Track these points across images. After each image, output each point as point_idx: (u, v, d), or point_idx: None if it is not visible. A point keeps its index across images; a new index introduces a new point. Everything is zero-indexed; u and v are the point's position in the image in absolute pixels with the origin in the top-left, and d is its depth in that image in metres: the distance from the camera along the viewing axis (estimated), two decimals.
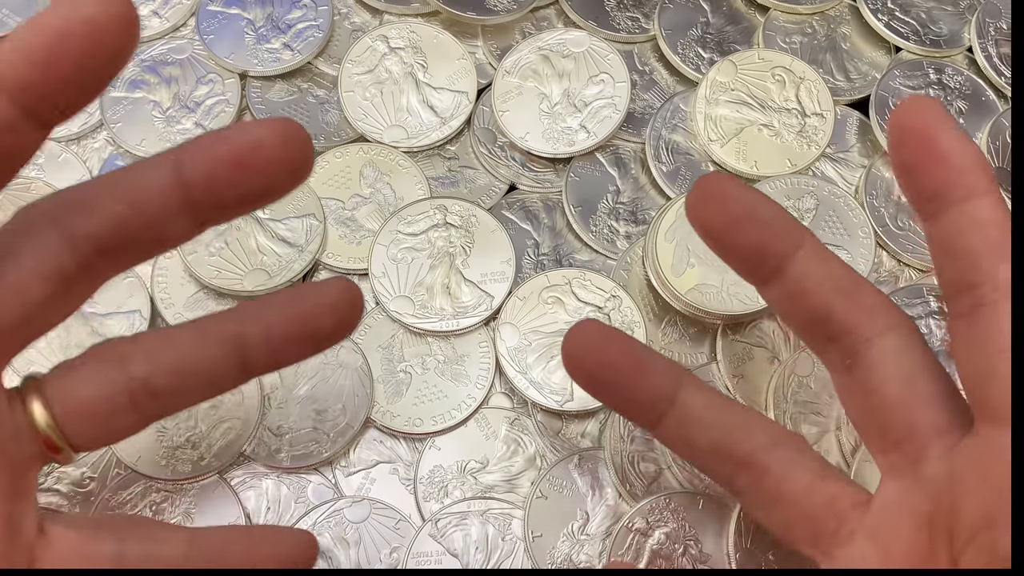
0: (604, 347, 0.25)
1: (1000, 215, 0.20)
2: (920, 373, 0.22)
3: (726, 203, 0.23)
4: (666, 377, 0.24)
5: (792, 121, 0.37)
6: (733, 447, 0.24)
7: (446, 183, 0.37)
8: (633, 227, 0.37)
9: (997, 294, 0.20)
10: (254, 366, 0.24)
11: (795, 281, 0.23)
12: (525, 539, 0.31)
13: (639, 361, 0.24)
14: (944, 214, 0.21)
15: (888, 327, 0.22)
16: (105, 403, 0.22)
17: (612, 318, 0.34)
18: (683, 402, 0.24)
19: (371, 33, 0.38)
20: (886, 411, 0.22)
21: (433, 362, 0.34)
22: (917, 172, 0.21)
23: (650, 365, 0.24)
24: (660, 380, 0.24)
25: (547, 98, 0.37)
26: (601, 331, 0.25)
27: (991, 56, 0.39)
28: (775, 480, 0.23)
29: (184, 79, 0.38)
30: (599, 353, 0.24)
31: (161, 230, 0.21)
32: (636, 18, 0.40)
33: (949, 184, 0.20)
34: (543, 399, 0.33)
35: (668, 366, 0.25)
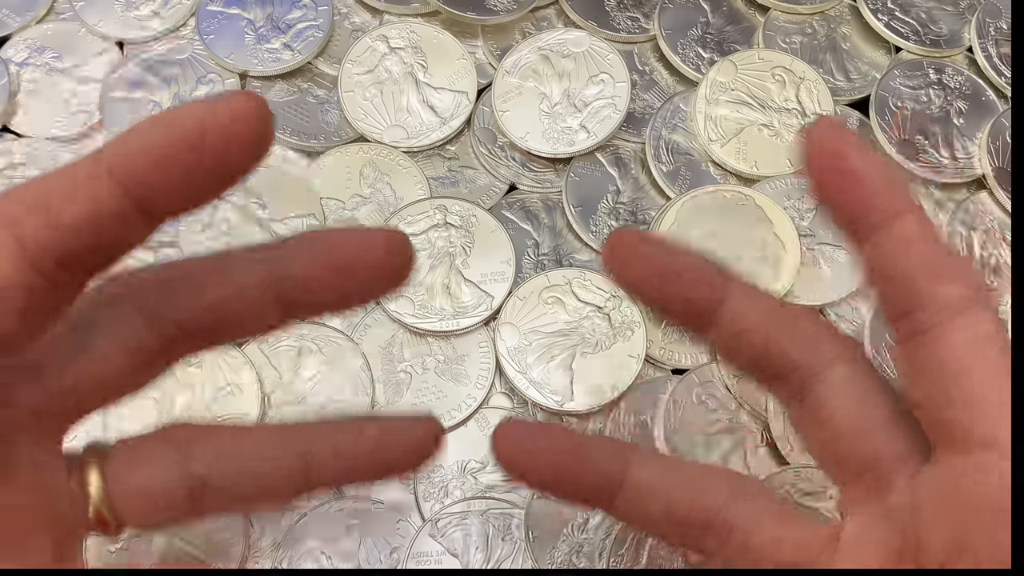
0: (534, 446, 0.23)
1: (927, 230, 0.20)
2: (872, 400, 0.21)
3: (638, 261, 0.22)
4: (610, 459, 0.23)
5: (792, 121, 0.37)
6: (692, 510, 0.23)
7: (446, 183, 0.37)
8: (633, 227, 0.37)
9: (939, 317, 0.19)
10: (319, 484, 0.23)
11: (730, 324, 0.22)
12: (525, 539, 0.31)
13: (576, 451, 0.23)
14: (871, 239, 0.20)
15: (834, 357, 0.22)
16: (163, 493, 0.21)
17: (612, 318, 0.34)
18: (632, 478, 0.23)
19: (371, 33, 0.38)
20: (842, 443, 0.21)
21: (433, 362, 0.34)
22: (833, 197, 0.20)
23: (589, 452, 0.23)
24: (604, 464, 0.23)
25: (547, 98, 0.37)
26: (528, 431, 0.23)
27: (991, 56, 0.39)
28: (742, 535, 0.23)
29: (184, 79, 0.38)
30: (531, 454, 0.23)
31: (250, 322, 0.21)
32: (636, 18, 0.40)
33: (868, 207, 0.20)
34: (543, 399, 0.33)
35: (610, 447, 0.24)
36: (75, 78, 0.38)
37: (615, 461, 0.23)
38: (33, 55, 0.38)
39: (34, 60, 0.38)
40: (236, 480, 0.22)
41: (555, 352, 0.33)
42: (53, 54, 0.39)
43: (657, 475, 0.23)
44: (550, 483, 0.23)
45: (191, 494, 0.21)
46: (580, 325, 0.34)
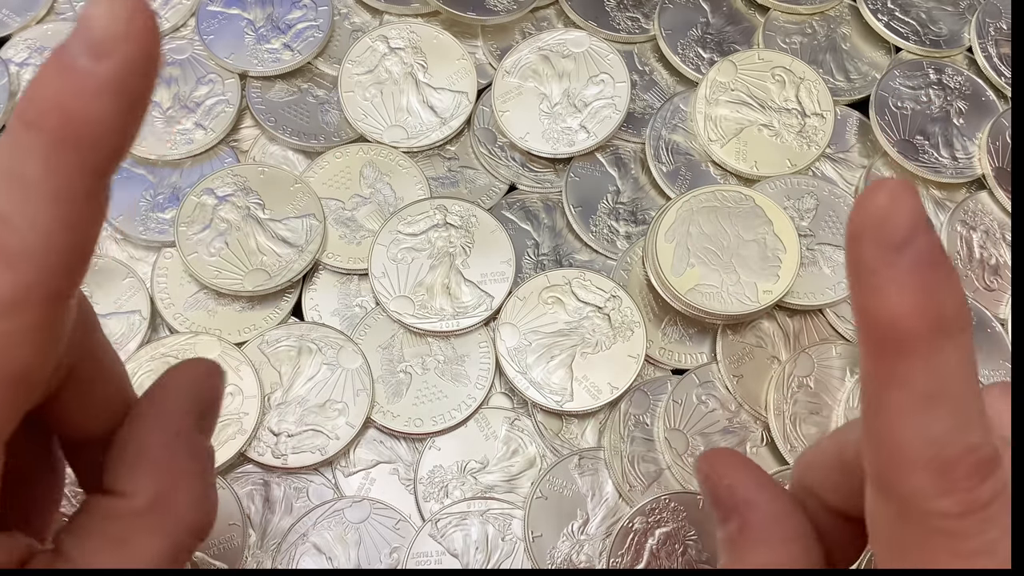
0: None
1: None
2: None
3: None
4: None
5: (792, 121, 0.37)
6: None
7: (446, 183, 0.37)
8: (633, 227, 0.36)
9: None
10: None
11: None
12: (525, 539, 0.31)
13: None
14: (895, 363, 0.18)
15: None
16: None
17: (612, 318, 0.34)
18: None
19: (371, 33, 0.38)
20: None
21: (433, 362, 0.34)
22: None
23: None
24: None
25: (547, 98, 0.37)
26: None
27: (991, 56, 0.39)
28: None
29: (184, 79, 0.38)
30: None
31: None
32: (636, 18, 0.40)
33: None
34: (543, 399, 0.33)
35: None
36: None
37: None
38: (33, 55, 0.38)
39: (34, 60, 0.38)
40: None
41: (555, 352, 0.33)
42: None
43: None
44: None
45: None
46: (580, 325, 0.34)
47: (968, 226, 0.37)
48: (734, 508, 0.21)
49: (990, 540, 0.16)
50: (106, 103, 0.15)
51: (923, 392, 0.16)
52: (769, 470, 0.32)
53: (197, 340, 0.33)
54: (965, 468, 0.16)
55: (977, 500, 0.16)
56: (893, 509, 0.17)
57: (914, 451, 0.16)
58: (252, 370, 0.33)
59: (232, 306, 0.34)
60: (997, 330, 0.35)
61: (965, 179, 0.37)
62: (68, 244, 0.16)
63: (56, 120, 0.15)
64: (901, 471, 0.16)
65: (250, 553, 0.31)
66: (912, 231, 0.15)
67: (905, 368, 0.16)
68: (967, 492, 0.16)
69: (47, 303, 0.16)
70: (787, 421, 0.33)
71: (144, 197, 0.36)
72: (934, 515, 0.16)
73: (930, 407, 0.16)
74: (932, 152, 0.38)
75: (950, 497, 0.16)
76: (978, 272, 0.36)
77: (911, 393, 0.16)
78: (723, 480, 0.22)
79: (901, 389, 0.16)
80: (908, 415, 0.16)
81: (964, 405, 0.16)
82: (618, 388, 0.33)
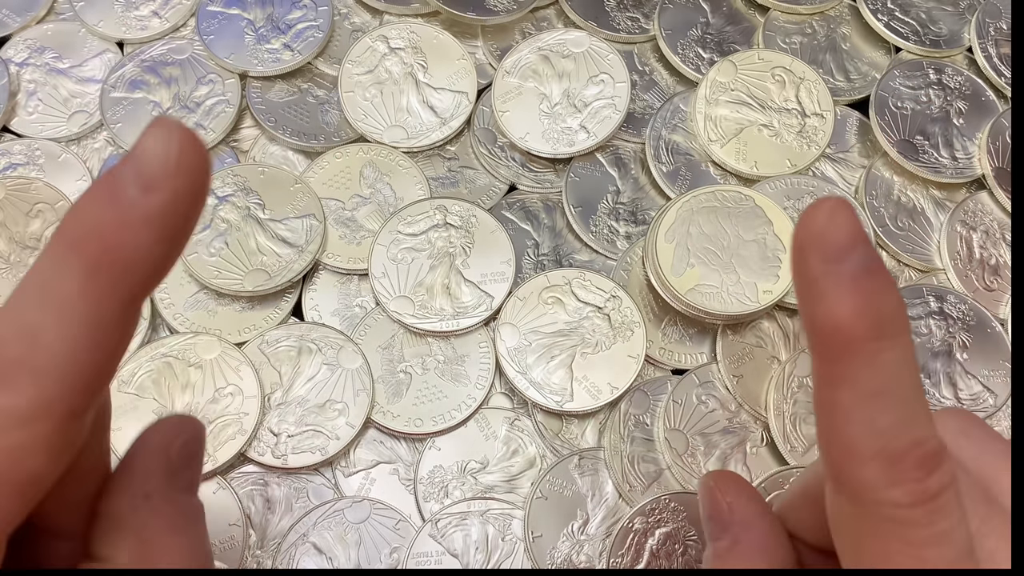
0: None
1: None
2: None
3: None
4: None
5: (792, 121, 0.37)
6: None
7: (446, 183, 0.37)
8: (633, 227, 0.36)
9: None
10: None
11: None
12: (525, 539, 0.31)
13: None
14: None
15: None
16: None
17: (612, 318, 0.34)
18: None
19: (371, 33, 0.38)
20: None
21: (433, 362, 0.34)
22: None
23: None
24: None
25: (547, 98, 0.37)
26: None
27: (991, 56, 0.39)
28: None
29: (184, 79, 0.38)
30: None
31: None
32: (636, 18, 0.40)
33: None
34: (543, 399, 0.33)
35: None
36: (75, 78, 0.38)
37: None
38: (33, 55, 0.38)
39: (34, 60, 0.38)
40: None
41: (555, 352, 0.33)
42: (53, 54, 0.39)
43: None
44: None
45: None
46: (580, 325, 0.34)
47: (968, 226, 0.37)
48: (729, 526, 0.22)
49: (941, 530, 0.17)
50: (148, 235, 0.16)
51: (868, 389, 0.17)
52: (769, 470, 0.32)
53: (197, 340, 0.33)
54: (912, 460, 0.17)
55: (926, 491, 0.17)
56: (849, 503, 0.18)
57: (863, 444, 0.17)
58: (252, 370, 0.33)
59: (232, 306, 0.34)
60: (997, 330, 0.35)
61: (965, 179, 0.37)
62: (92, 364, 0.16)
63: (97, 247, 0.16)
64: (853, 464, 0.17)
65: (250, 553, 0.31)
66: (851, 244, 0.16)
67: (850, 368, 0.17)
68: (915, 483, 0.17)
69: (65, 419, 0.16)
70: (787, 421, 0.33)
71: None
72: (885, 505, 0.17)
73: (875, 403, 0.17)
74: (932, 152, 0.38)
75: (899, 487, 0.17)
76: (978, 272, 0.36)
77: (857, 391, 0.17)
78: (726, 497, 0.23)
79: (848, 388, 0.17)
80: (855, 411, 0.17)
81: (907, 401, 0.17)
82: (618, 388, 0.33)
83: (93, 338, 0.16)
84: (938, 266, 0.36)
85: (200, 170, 0.16)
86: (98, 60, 0.38)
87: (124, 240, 0.16)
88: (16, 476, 0.16)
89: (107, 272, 0.16)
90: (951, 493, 0.17)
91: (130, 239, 0.16)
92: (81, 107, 0.38)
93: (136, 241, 0.16)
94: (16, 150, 0.37)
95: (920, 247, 0.36)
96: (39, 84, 0.38)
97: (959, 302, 0.35)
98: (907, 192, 0.37)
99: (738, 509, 0.23)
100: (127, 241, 0.16)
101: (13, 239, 0.34)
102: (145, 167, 0.16)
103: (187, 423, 0.22)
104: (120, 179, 0.16)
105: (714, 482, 0.23)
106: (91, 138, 0.37)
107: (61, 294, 0.16)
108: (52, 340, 0.16)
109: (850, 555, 0.19)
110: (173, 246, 0.16)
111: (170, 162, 0.16)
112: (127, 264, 0.16)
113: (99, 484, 0.20)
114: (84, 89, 0.38)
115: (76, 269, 0.16)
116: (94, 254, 0.16)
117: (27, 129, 0.37)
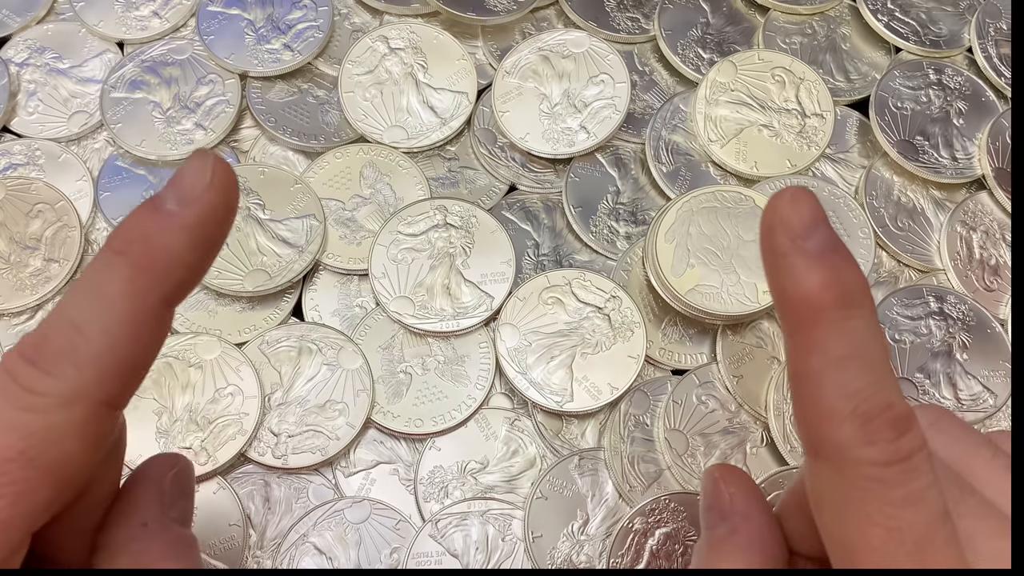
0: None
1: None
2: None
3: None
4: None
5: (792, 122, 0.37)
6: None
7: (446, 184, 0.37)
8: (633, 227, 0.37)
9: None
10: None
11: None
12: (525, 539, 0.31)
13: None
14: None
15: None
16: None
17: (612, 319, 0.34)
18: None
19: (371, 34, 0.38)
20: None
21: (433, 362, 0.34)
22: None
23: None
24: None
25: (547, 99, 0.37)
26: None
27: (991, 56, 0.39)
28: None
29: (184, 80, 0.38)
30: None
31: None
32: (636, 18, 0.40)
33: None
34: (543, 399, 0.33)
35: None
36: (75, 78, 0.38)
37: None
38: (33, 55, 0.38)
39: (34, 60, 0.38)
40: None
41: (555, 352, 0.33)
42: (53, 54, 0.39)
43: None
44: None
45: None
46: (580, 325, 0.34)
47: (968, 226, 0.37)
48: (729, 515, 0.23)
49: (916, 489, 0.18)
50: (184, 240, 0.19)
51: (838, 354, 0.18)
52: (769, 470, 0.32)
53: (197, 340, 0.33)
54: (884, 420, 0.18)
55: (898, 451, 0.18)
56: (827, 470, 0.19)
57: (837, 407, 0.18)
58: (252, 370, 0.33)
59: (232, 306, 0.34)
60: (997, 330, 0.35)
61: (965, 179, 0.37)
62: (129, 357, 0.18)
63: (140, 248, 0.18)
64: (829, 427, 0.18)
65: (250, 553, 0.31)
66: (814, 223, 0.18)
67: (820, 335, 0.18)
68: (888, 442, 0.18)
69: (100, 406, 0.18)
70: (787, 421, 0.33)
71: (144, 197, 0.36)
72: (862, 464, 0.18)
73: (846, 366, 0.18)
74: (932, 152, 0.38)
75: (873, 446, 0.18)
76: (978, 272, 0.36)
77: (828, 356, 0.18)
78: (728, 488, 0.23)
79: (819, 354, 0.18)
80: (828, 375, 0.18)
81: (876, 366, 0.18)
82: (618, 388, 0.33)
83: (131, 334, 0.18)
84: (938, 266, 0.36)
85: (230, 188, 0.19)
86: (98, 60, 0.39)
87: (163, 243, 0.18)
88: (49, 458, 0.18)
89: (147, 273, 0.18)
90: (922, 456, 0.18)
91: (168, 244, 0.18)
92: (81, 107, 0.38)
93: (173, 246, 0.18)
94: (16, 150, 0.37)
95: (920, 247, 0.36)
96: (39, 84, 0.38)
97: (959, 302, 0.35)
98: (907, 192, 0.37)
99: (739, 500, 0.23)
100: (166, 244, 0.18)
101: (13, 239, 0.34)
102: (182, 185, 0.19)
103: (177, 458, 0.24)
104: (162, 197, 0.19)
105: (719, 473, 0.24)
106: (91, 138, 0.37)
107: (105, 293, 0.18)
108: (94, 333, 0.18)
109: (832, 526, 0.19)
110: (206, 254, 0.19)
111: (204, 180, 0.19)
112: (165, 267, 0.18)
113: (103, 517, 0.21)
114: (84, 89, 0.38)
115: (120, 271, 0.18)
116: (137, 255, 0.18)
117: (27, 129, 0.37)
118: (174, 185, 0.19)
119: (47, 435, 0.18)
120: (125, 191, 0.36)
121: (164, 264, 0.18)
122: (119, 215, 0.36)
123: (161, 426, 0.32)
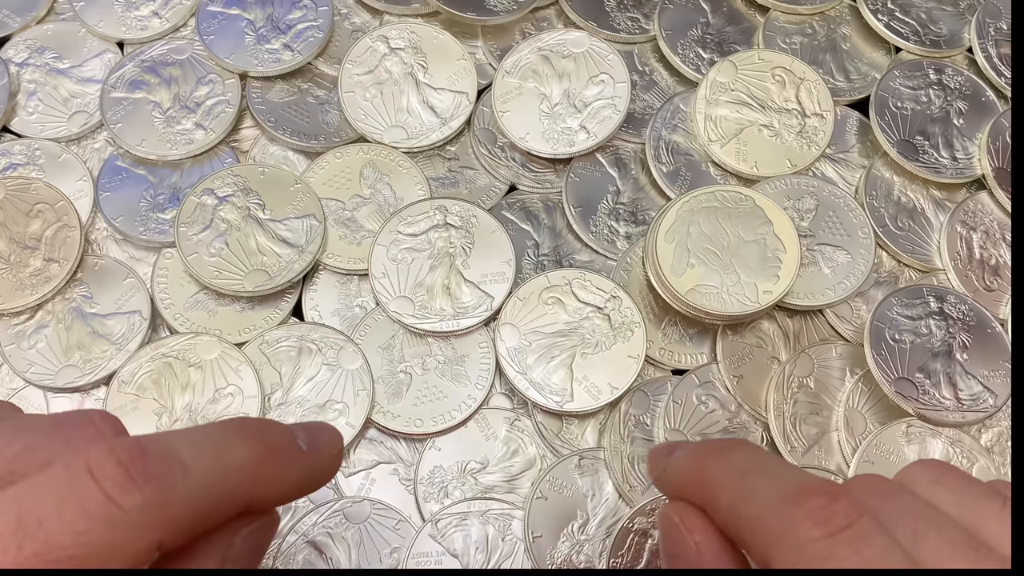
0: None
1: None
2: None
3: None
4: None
5: (792, 121, 0.37)
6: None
7: (446, 184, 0.37)
8: (633, 227, 0.37)
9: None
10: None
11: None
12: (525, 539, 0.31)
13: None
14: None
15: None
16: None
17: (612, 319, 0.34)
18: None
19: (371, 34, 0.38)
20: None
21: (433, 362, 0.34)
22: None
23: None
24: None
25: (547, 98, 0.37)
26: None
27: (991, 56, 0.39)
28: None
29: (184, 79, 0.38)
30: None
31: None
32: (636, 18, 0.40)
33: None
34: (543, 399, 0.33)
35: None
36: (75, 78, 0.38)
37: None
38: (33, 55, 0.38)
39: (34, 60, 0.38)
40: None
41: (555, 352, 0.33)
42: (53, 54, 0.39)
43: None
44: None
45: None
46: (580, 325, 0.34)
47: (968, 226, 0.37)
48: (695, 565, 0.23)
49: (869, 558, 0.17)
50: (297, 467, 0.20)
51: (735, 471, 0.20)
52: None
53: (197, 340, 0.33)
54: (807, 494, 0.18)
55: (832, 518, 0.18)
56: (781, 559, 0.18)
57: (762, 505, 0.19)
58: (252, 370, 0.33)
59: (232, 306, 0.34)
60: (997, 330, 0.35)
61: (965, 179, 0.37)
62: (201, 519, 0.18)
63: (262, 449, 0.19)
64: (761, 526, 0.19)
65: None
66: (671, 448, 0.23)
67: (711, 482, 0.21)
68: (821, 510, 0.18)
69: (156, 544, 0.17)
70: (787, 421, 0.33)
71: (144, 197, 0.36)
72: (803, 542, 0.18)
73: (747, 480, 0.20)
74: (932, 152, 0.38)
75: (808, 519, 0.18)
76: (978, 272, 0.36)
77: (726, 484, 0.20)
78: (694, 535, 0.23)
79: (722, 491, 0.20)
80: (738, 494, 0.20)
81: (773, 469, 0.20)
82: (618, 388, 0.33)
83: (217, 503, 0.19)
84: (938, 266, 0.36)
85: (338, 459, 0.22)
86: (98, 60, 0.39)
87: (283, 462, 0.20)
88: (88, 565, 0.17)
89: (263, 475, 0.19)
90: (867, 521, 0.18)
91: (288, 466, 0.20)
92: (81, 107, 0.38)
93: (290, 469, 0.20)
94: (16, 150, 0.37)
95: (920, 247, 0.36)
96: (39, 84, 0.38)
97: (959, 302, 0.35)
98: (907, 192, 0.37)
99: (707, 551, 0.22)
100: (285, 467, 0.20)
101: (13, 239, 0.34)
102: (314, 437, 0.21)
103: (261, 517, 0.23)
104: (295, 430, 0.21)
105: (679, 518, 0.23)
106: (91, 138, 0.37)
107: (226, 457, 0.19)
108: (198, 479, 0.18)
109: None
110: (307, 486, 0.21)
111: (333, 447, 0.22)
112: (278, 480, 0.20)
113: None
114: (84, 89, 0.38)
115: (252, 452, 0.19)
116: (261, 452, 0.19)
117: (27, 129, 0.37)
118: (308, 432, 0.21)
119: (99, 551, 0.17)
120: (125, 191, 0.36)
121: (278, 480, 0.20)
122: (120, 215, 0.36)
123: (161, 426, 0.32)
